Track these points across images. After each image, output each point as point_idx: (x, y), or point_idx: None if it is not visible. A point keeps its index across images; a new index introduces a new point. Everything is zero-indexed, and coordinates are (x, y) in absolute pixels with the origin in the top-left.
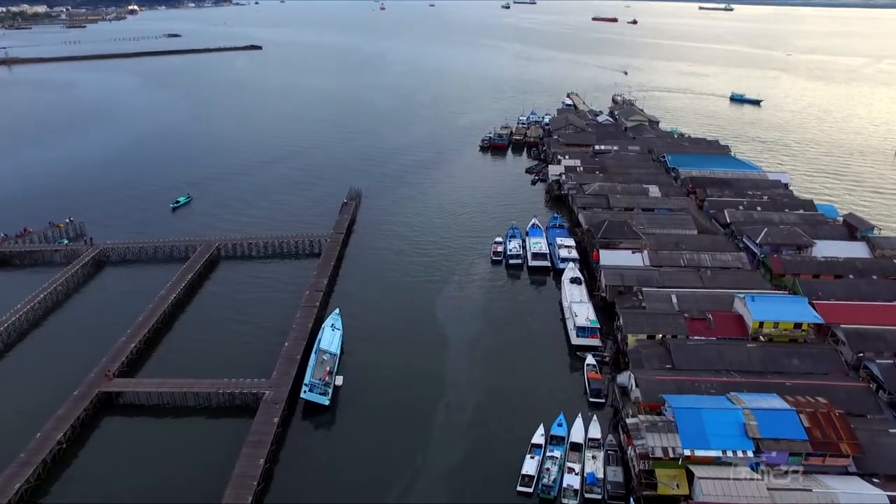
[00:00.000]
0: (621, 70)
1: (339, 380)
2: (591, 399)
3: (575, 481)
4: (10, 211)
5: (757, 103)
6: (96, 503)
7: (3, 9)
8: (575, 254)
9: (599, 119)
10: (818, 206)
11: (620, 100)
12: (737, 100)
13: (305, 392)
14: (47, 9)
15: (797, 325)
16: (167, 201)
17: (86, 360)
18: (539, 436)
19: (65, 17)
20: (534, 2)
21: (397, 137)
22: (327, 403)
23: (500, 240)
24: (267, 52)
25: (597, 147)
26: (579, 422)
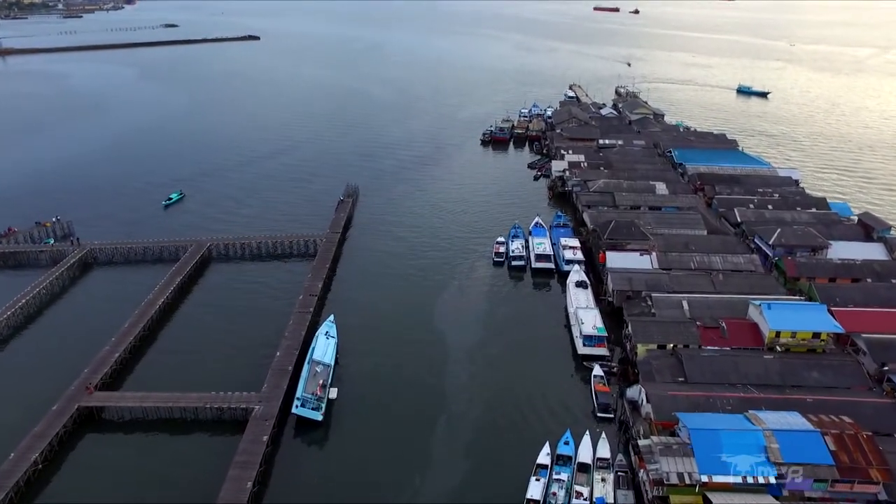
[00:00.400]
0: (624, 61)
1: (333, 392)
2: (598, 414)
3: None
4: None
5: (764, 95)
6: None
7: None
8: (580, 255)
9: (603, 112)
10: (831, 204)
11: (624, 92)
12: (744, 92)
13: (297, 407)
14: None
15: (816, 335)
16: (159, 198)
17: (67, 370)
18: (545, 455)
19: (62, 6)
20: None
21: (396, 131)
22: (320, 419)
23: (501, 240)
24: (265, 42)
25: (601, 141)
26: (587, 440)
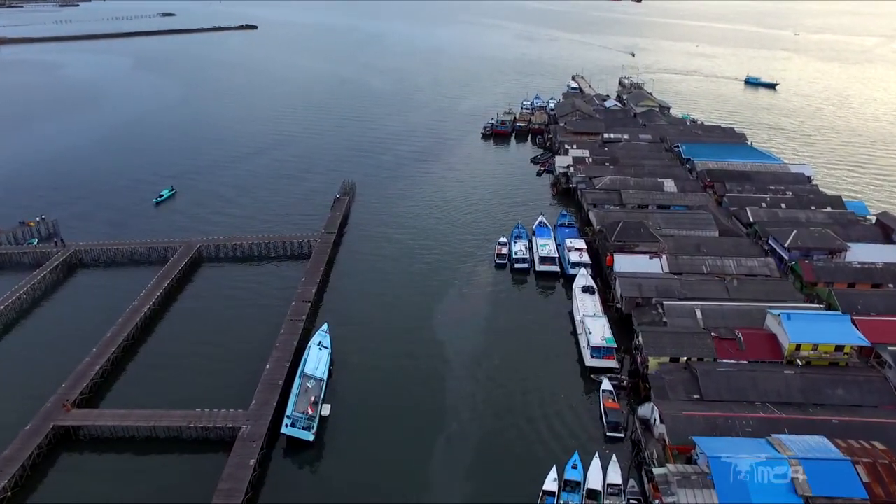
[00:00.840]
0: (627, 51)
1: (325, 409)
2: (608, 433)
3: None
4: None
5: (772, 87)
6: None
7: None
8: (586, 258)
9: (607, 104)
10: (847, 202)
11: (628, 83)
12: (752, 83)
13: (287, 427)
14: None
15: (839, 348)
16: (150, 195)
17: (43, 384)
18: (552, 481)
19: None
20: None
21: (395, 124)
22: (312, 439)
23: (504, 240)
24: (262, 31)
25: (606, 135)
26: (596, 463)
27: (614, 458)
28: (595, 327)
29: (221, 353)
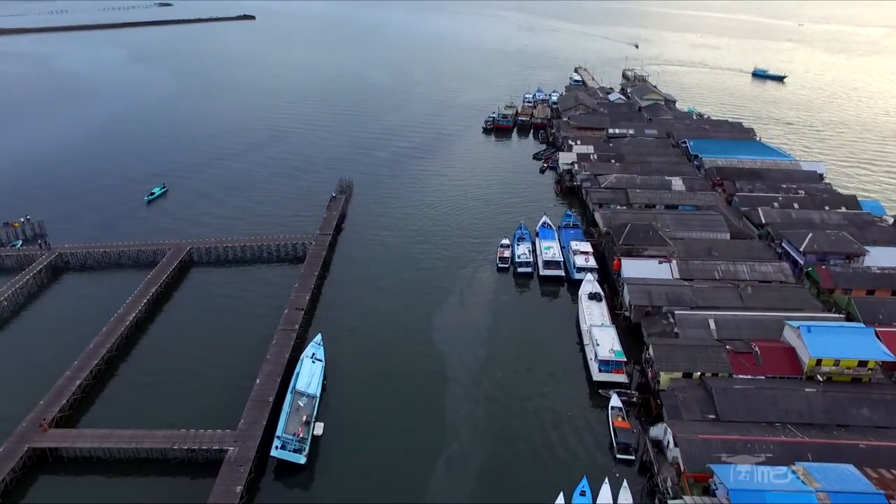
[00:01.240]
0: (631, 42)
1: (318, 428)
2: (618, 455)
3: None
4: None
5: (780, 79)
6: None
7: None
8: (592, 262)
9: (611, 97)
10: (862, 202)
11: (632, 75)
12: (759, 75)
13: (276, 449)
14: None
15: (862, 363)
16: (142, 192)
17: (19, 401)
18: None
19: None
20: None
21: (393, 118)
22: (303, 462)
23: (506, 242)
24: (260, 22)
25: (611, 131)
26: (606, 490)
27: (625, 483)
28: (603, 339)
29: (209, 367)
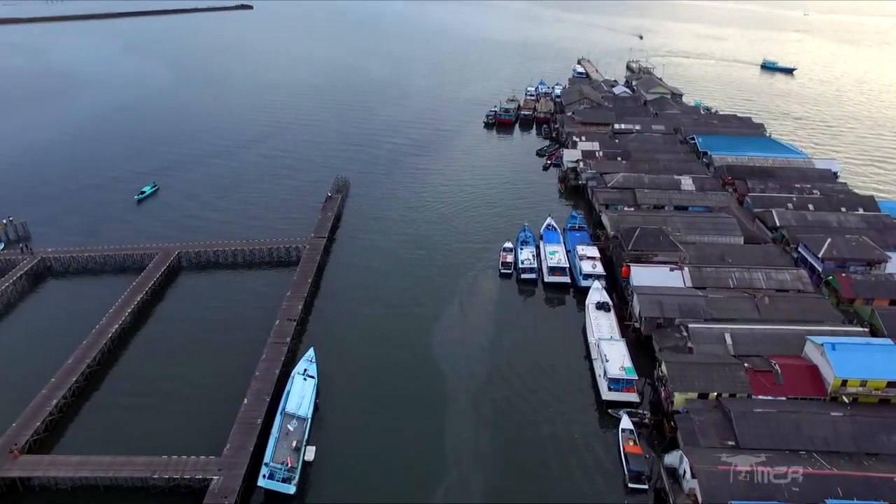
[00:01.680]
0: (635, 33)
1: (310, 453)
2: (629, 484)
3: None
4: None
5: (790, 72)
6: None
7: None
8: (600, 268)
9: (616, 91)
10: (880, 203)
11: (636, 67)
12: (769, 68)
13: (264, 478)
14: None
15: (891, 384)
16: (132, 191)
17: None
18: None
19: None
20: None
21: (392, 113)
22: (292, 492)
23: (509, 246)
24: (258, 11)
25: (616, 126)
26: None
27: None
28: (612, 354)
29: (194, 384)
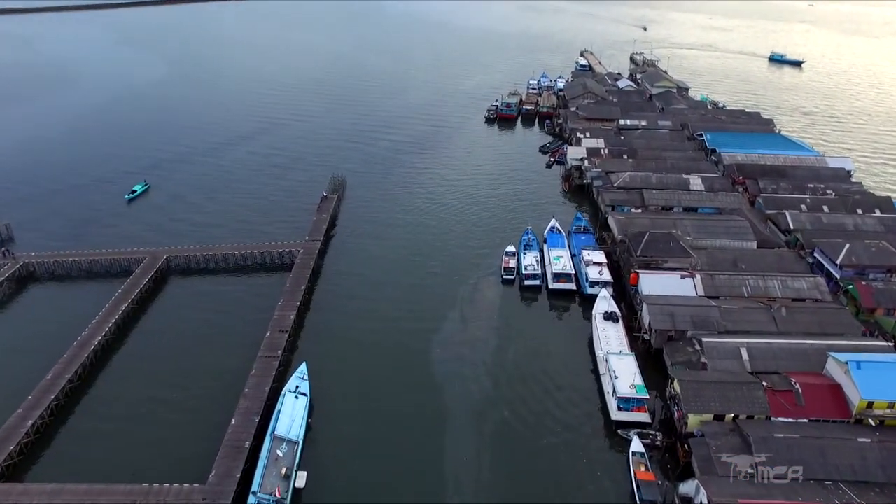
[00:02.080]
0: (638, 25)
1: (301, 479)
2: None
3: None
4: None
5: (798, 65)
6: None
7: None
8: (607, 275)
9: (620, 84)
10: None
11: (640, 59)
12: (776, 60)
13: None
14: None
15: None
16: (120, 191)
17: None
18: None
19: None
20: None
21: (390, 107)
22: None
23: (512, 250)
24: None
25: (622, 122)
26: None
27: None
28: (622, 370)
29: (180, 403)
